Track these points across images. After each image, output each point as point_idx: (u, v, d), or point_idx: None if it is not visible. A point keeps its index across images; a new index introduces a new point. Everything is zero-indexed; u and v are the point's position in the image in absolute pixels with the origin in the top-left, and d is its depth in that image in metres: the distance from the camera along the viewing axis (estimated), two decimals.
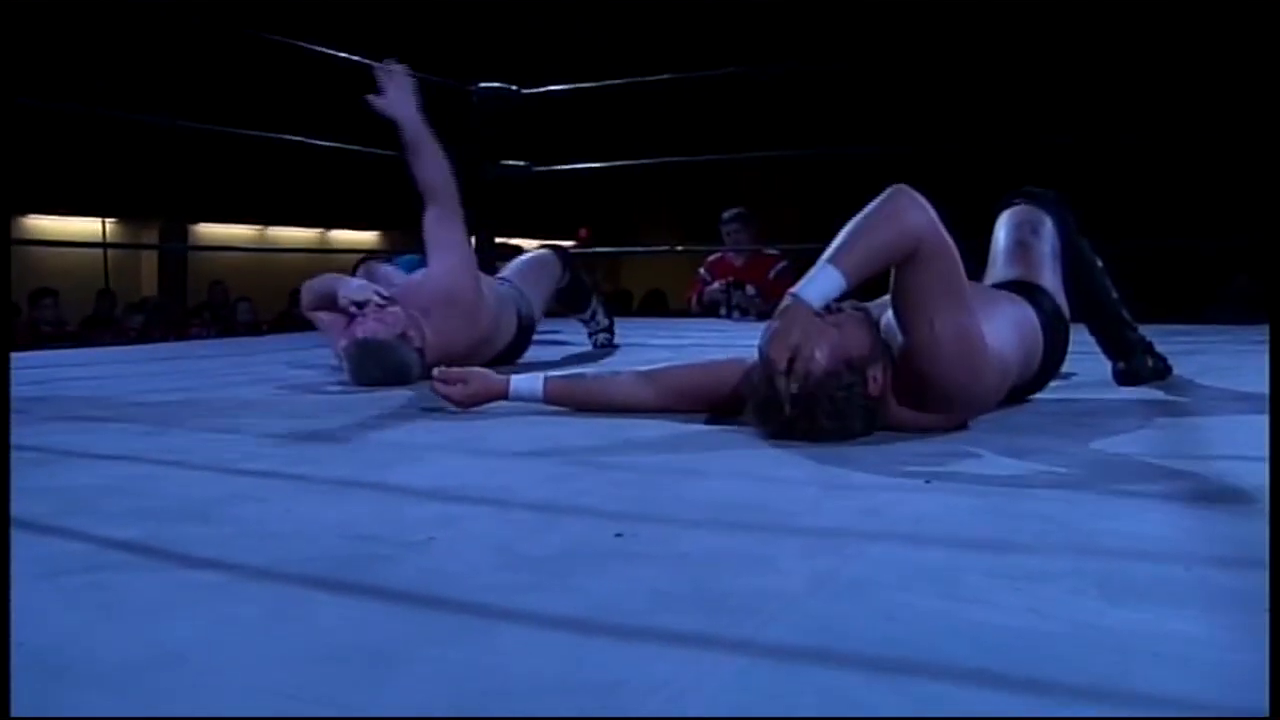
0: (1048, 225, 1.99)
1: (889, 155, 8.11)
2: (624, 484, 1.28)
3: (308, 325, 2.76)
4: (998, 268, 1.96)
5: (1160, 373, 2.10)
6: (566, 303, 3.21)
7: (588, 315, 3.26)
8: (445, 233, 2.47)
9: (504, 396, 1.84)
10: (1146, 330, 2.15)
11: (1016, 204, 2.05)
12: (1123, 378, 2.08)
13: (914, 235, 1.47)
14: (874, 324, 1.55)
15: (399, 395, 2.20)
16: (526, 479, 1.33)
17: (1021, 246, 1.96)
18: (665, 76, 4.74)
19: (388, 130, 2.52)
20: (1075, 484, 1.22)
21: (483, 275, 2.63)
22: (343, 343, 2.37)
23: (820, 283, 1.47)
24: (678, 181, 9.92)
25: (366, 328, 2.31)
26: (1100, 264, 2.09)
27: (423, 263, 2.55)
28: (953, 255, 1.50)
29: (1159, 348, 2.13)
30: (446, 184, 2.47)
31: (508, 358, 2.66)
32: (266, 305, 9.47)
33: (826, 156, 8.46)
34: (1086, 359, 2.12)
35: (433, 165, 2.46)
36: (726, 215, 5.22)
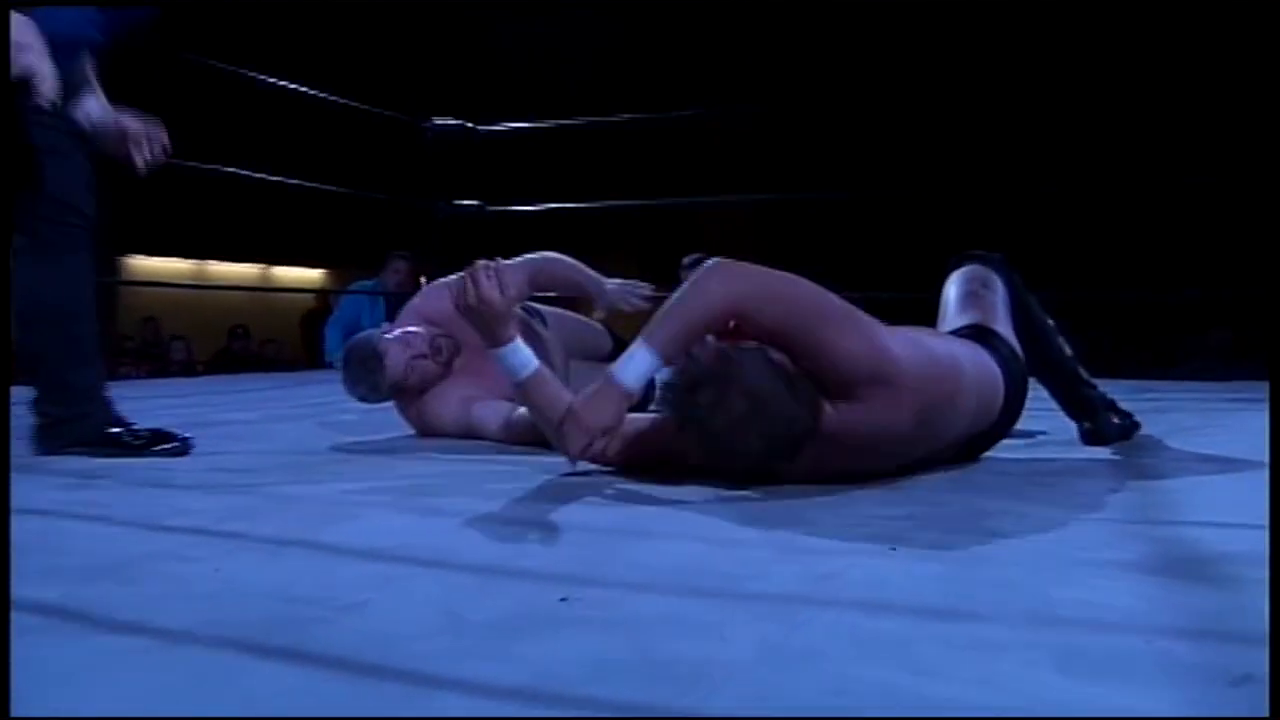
0: (998, 281, 2.01)
1: (851, 201, 8.20)
2: (570, 544, 1.26)
3: (246, 366, 2.70)
4: (949, 318, 1.96)
5: (1127, 431, 2.07)
6: None
7: None
8: None
9: (508, 343, 1.67)
10: (1116, 387, 2.13)
11: (965, 265, 2.07)
12: (1089, 437, 2.05)
13: (727, 300, 1.54)
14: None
15: (338, 447, 2.16)
16: (469, 538, 1.29)
17: (974, 296, 1.96)
18: (625, 117, 4.77)
19: (334, 165, 2.49)
20: (1036, 549, 1.20)
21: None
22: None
23: (637, 363, 1.56)
24: (638, 224, 9.93)
25: (390, 342, 2.26)
26: (1051, 323, 2.08)
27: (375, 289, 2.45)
28: (800, 294, 1.56)
29: (1128, 405, 2.10)
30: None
31: None
32: (202, 345, 9.24)
33: (789, 201, 8.54)
34: (1054, 417, 2.11)
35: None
36: (686, 261, 5.25)
